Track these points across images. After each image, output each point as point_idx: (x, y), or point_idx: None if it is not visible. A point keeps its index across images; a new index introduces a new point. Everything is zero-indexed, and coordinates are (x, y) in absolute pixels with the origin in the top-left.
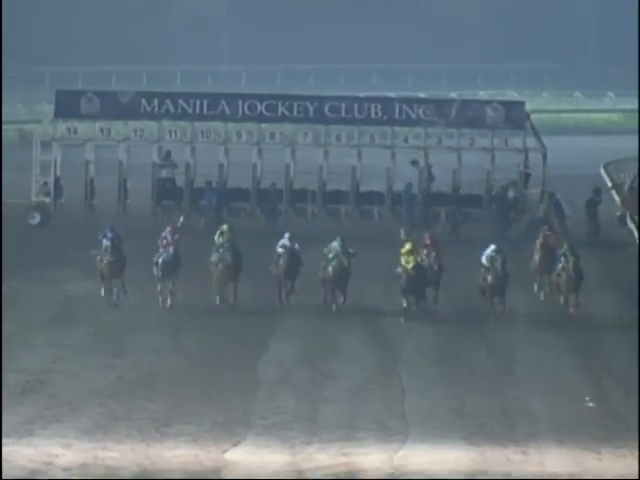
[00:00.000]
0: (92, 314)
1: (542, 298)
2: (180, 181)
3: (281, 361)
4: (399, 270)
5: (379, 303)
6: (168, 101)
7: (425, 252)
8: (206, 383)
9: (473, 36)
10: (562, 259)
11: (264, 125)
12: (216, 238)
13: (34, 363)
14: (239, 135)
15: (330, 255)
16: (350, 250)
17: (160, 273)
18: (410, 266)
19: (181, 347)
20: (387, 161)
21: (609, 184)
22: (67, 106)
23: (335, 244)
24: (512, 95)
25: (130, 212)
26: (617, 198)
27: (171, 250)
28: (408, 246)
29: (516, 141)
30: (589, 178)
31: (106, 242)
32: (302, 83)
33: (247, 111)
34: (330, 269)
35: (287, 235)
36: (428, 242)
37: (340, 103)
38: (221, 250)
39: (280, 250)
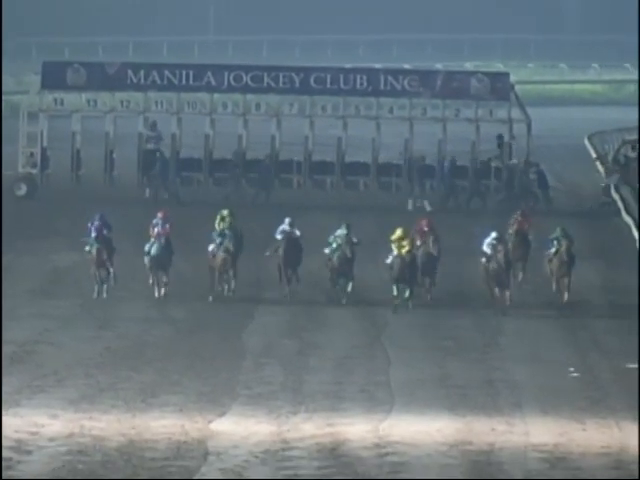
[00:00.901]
0: (79, 285)
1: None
2: (166, 152)
3: (266, 331)
4: (389, 260)
5: (365, 273)
6: (154, 72)
7: (421, 239)
8: (192, 354)
9: (459, 7)
10: (554, 243)
11: (250, 96)
12: (216, 224)
13: (21, 334)
14: (225, 106)
15: (334, 245)
16: (354, 239)
17: (153, 264)
18: (404, 250)
19: (167, 318)
20: (372, 132)
21: (593, 155)
22: (54, 77)
23: (340, 232)
24: (498, 66)
25: (116, 183)
26: (601, 169)
27: (163, 240)
28: (398, 232)
29: (501, 112)
30: (574, 149)
31: (94, 232)
32: (288, 54)
33: (233, 82)
34: (335, 259)
35: (287, 220)
36: (425, 228)
37: (326, 74)
38: (220, 239)
39: (279, 237)
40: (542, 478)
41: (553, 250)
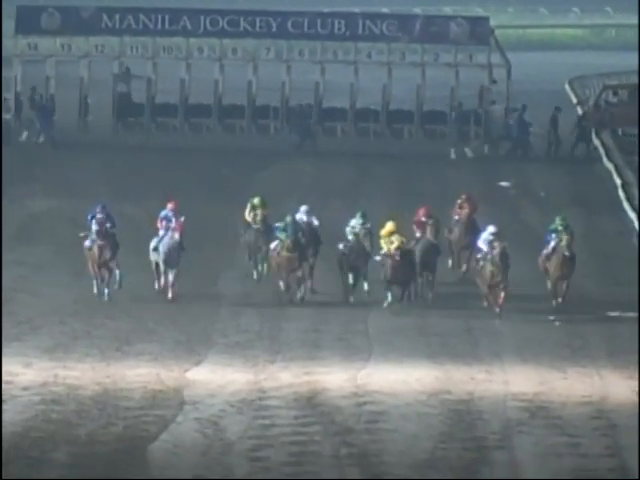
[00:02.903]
0: (54, 232)
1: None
2: (141, 97)
3: (243, 279)
4: (379, 258)
5: (341, 219)
6: (129, 16)
7: (420, 231)
8: (168, 301)
9: None
10: (553, 236)
11: (226, 40)
12: (247, 213)
13: None
14: (201, 50)
15: (350, 236)
16: (369, 228)
17: (162, 262)
18: (394, 246)
19: (143, 265)
20: (350, 77)
21: (574, 100)
22: (28, 22)
23: (355, 222)
24: (477, 10)
25: (91, 128)
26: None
27: (176, 235)
28: (389, 227)
29: (480, 57)
30: (554, 94)
31: (95, 225)
32: None
33: (209, 26)
34: (349, 253)
35: (304, 208)
36: (423, 219)
37: (303, 18)
38: (284, 235)
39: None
40: (522, 427)
41: (552, 245)
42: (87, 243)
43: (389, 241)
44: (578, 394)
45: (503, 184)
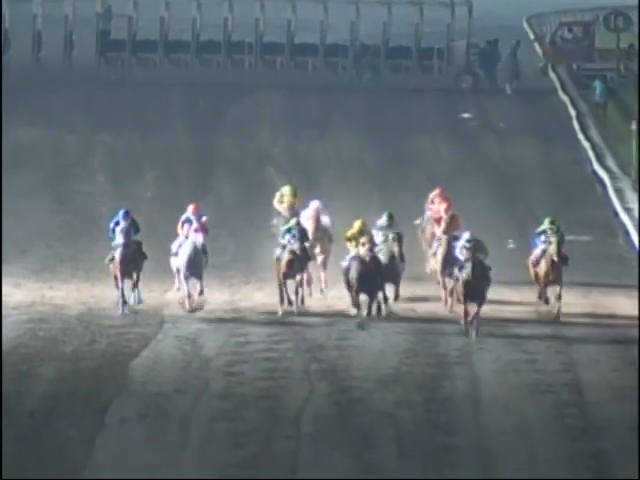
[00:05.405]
0: (40, 159)
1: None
2: (123, 34)
3: (220, 203)
4: (345, 262)
5: (313, 147)
6: None
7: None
8: (149, 225)
9: None
10: (542, 238)
11: None
12: (275, 202)
13: None
14: None
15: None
16: (399, 232)
17: (184, 269)
18: (364, 249)
19: (124, 191)
20: (320, 14)
21: (532, 37)
22: None
23: (380, 224)
24: None
25: (76, 64)
26: (539, 50)
27: (200, 238)
28: (357, 226)
29: None
30: (513, 31)
31: (119, 236)
32: None
33: None
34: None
35: (315, 204)
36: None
37: None
38: (288, 238)
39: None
40: (482, 345)
41: (540, 250)
42: (110, 257)
43: (360, 242)
44: (531, 310)
45: (465, 115)
